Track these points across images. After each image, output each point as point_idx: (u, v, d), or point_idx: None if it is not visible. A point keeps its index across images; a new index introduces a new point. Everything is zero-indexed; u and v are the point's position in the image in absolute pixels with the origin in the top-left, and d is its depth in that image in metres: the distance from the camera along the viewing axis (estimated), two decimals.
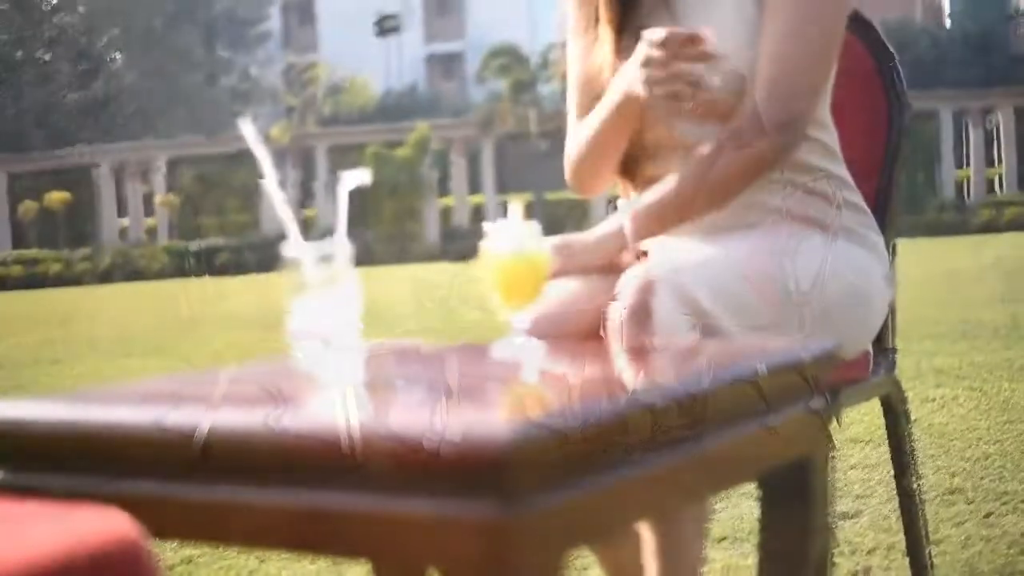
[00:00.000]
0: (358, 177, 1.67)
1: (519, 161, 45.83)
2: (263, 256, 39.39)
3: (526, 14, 64.55)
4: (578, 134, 2.48)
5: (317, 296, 1.55)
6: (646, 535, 2.07)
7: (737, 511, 3.74)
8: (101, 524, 1.09)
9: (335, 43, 64.08)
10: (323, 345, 1.54)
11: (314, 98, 45.50)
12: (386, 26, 46.79)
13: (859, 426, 4.88)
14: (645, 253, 2.31)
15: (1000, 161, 42.86)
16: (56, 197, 42.17)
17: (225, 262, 38.77)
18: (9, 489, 1.39)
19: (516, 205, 1.82)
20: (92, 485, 1.35)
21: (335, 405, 1.43)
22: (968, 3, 60.89)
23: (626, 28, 2.41)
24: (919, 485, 2.65)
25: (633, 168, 2.45)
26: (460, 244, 39.80)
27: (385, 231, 40.26)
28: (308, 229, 34.16)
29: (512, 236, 1.80)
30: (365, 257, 38.86)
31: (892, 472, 3.97)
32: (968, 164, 42.55)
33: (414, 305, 15.24)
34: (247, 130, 1.62)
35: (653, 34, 2.18)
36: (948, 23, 63.04)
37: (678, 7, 2.39)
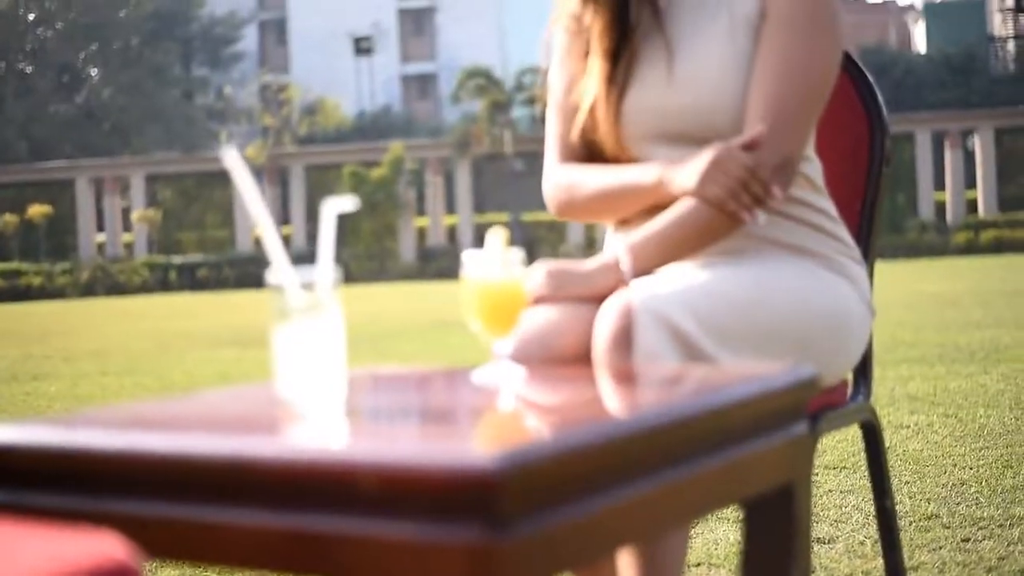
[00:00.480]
0: (343, 204, 1.67)
1: (494, 181, 45.91)
2: (241, 272, 39.43)
3: (497, 36, 64.72)
4: (577, 176, 2.46)
5: (301, 323, 1.56)
6: (626, 559, 2.08)
7: (713, 536, 3.75)
8: (93, 545, 1.10)
9: (308, 63, 64.11)
10: (308, 371, 1.54)
11: (290, 118, 45.48)
12: (362, 47, 46.83)
13: (833, 453, 4.90)
14: None
15: (978, 183, 43.06)
16: (37, 210, 42.08)
17: (204, 278, 38.74)
18: (2, 508, 1.39)
19: (497, 233, 1.83)
20: (83, 505, 1.36)
21: (322, 430, 1.44)
22: (947, 26, 61.31)
23: (617, 58, 2.42)
24: (895, 510, 2.66)
25: None
26: (436, 263, 39.87)
27: (362, 250, 40.25)
28: (286, 246, 34.05)
29: (493, 264, 1.81)
30: (343, 275, 38.84)
31: (866, 498, 4.01)
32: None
33: (396, 324, 15.24)
34: (231, 157, 1.62)
35: (720, 148, 2.22)
36: (924, 47, 63.39)
37: (673, 37, 2.40)
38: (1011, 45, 59.20)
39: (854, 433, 4.59)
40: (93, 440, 1.41)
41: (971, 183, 43.31)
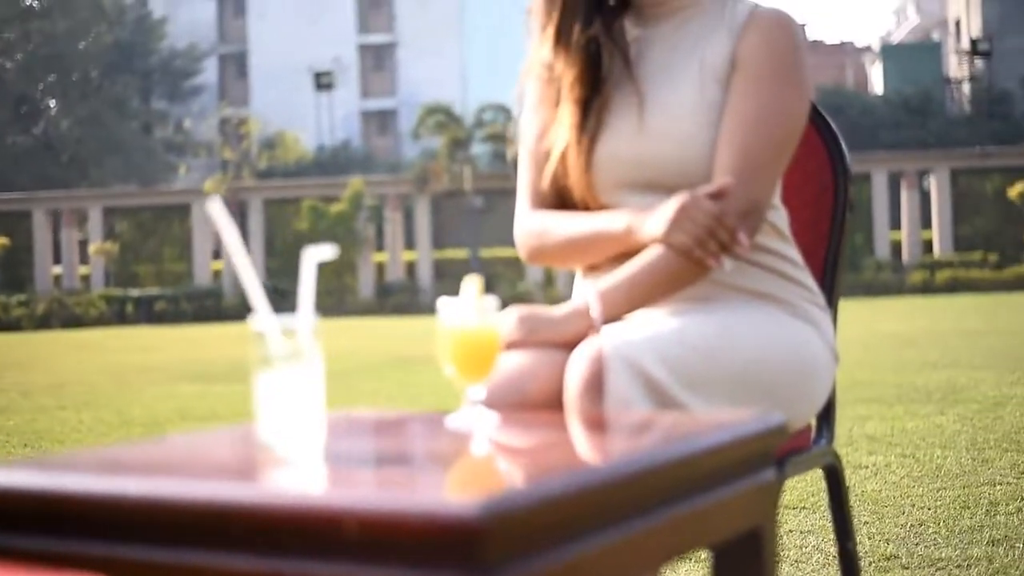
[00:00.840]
0: (323, 252, 1.70)
1: (453, 218, 45.95)
2: (198, 306, 39.31)
3: (457, 73, 64.89)
4: (548, 223, 2.49)
5: (283, 369, 1.59)
6: None
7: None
8: None
9: (268, 97, 64.11)
10: (289, 416, 1.57)
11: (249, 151, 45.47)
12: (323, 82, 46.90)
13: (792, 493, 4.94)
14: None
15: (934, 222, 43.40)
16: None
17: (162, 311, 38.61)
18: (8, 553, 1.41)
19: (472, 280, 1.86)
20: (66, 548, 1.38)
21: (304, 476, 1.47)
22: (903, 68, 61.81)
23: (588, 106, 2.46)
24: (857, 552, 2.71)
25: None
26: (394, 299, 39.86)
27: (321, 285, 40.17)
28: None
29: (469, 310, 1.84)
30: None
31: (825, 539, 4.06)
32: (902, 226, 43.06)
33: (358, 361, 15.22)
34: (216, 207, 1.65)
35: (687, 196, 2.26)
36: (881, 88, 63.91)
37: (643, 87, 2.44)
38: (966, 87, 59.73)
39: (814, 473, 4.63)
40: (77, 484, 1.43)
41: (927, 223, 43.65)
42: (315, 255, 1.69)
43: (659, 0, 2.51)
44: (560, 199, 2.52)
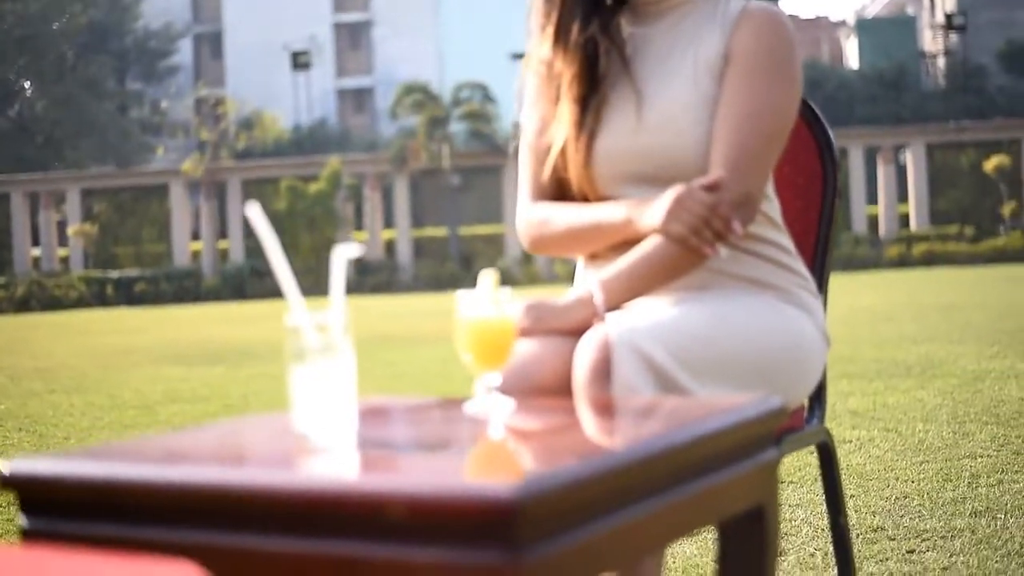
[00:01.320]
0: (350, 250, 1.81)
1: (432, 196, 46.03)
2: (178, 287, 39.32)
3: (434, 51, 64.85)
4: (550, 213, 2.60)
5: (316, 362, 1.70)
6: None
7: (684, 552, 3.90)
8: (174, 572, 1.23)
9: (243, 76, 63.99)
10: (325, 407, 1.68)
11: (227, 132, 45.41)
12: (300, 62, 46.85)
13: (780, 467, 5.06)
14: None
15: (910, 197, 43.63)
16: None
17: (141, 292, 38.60)
18: (75, 539, 1.52)
19: (488, 274, 1.97)
20: (144, 534, 1.49)
21: (353, 464, 1.58)
22: (878, 42, 61.98)
23: (587, 103, 2.57)
24: (848, 526, 2.83)
25: None
26: (374, 277, 39.90)
27: (300, 264, 40.20)
28: (223, 260, 33.95)
29: (485, 302, 1.95)
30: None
31: (814, 512, 4.19)
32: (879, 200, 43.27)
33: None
34: (255, 212, 1.76)
35: (683, 188, 2.37)
36: (857, 63, 64.07)
37: (640, 84, 2.55)
38: (941, 61, 59.95)
39: (801, 449, 4.75)
40: (139, 472, 1.55)
41: (903, 197, 43.87)
42: (344, 252, 1.79)
43: None
44: (560, 191, 2.63)
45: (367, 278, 39.20)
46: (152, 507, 1.52)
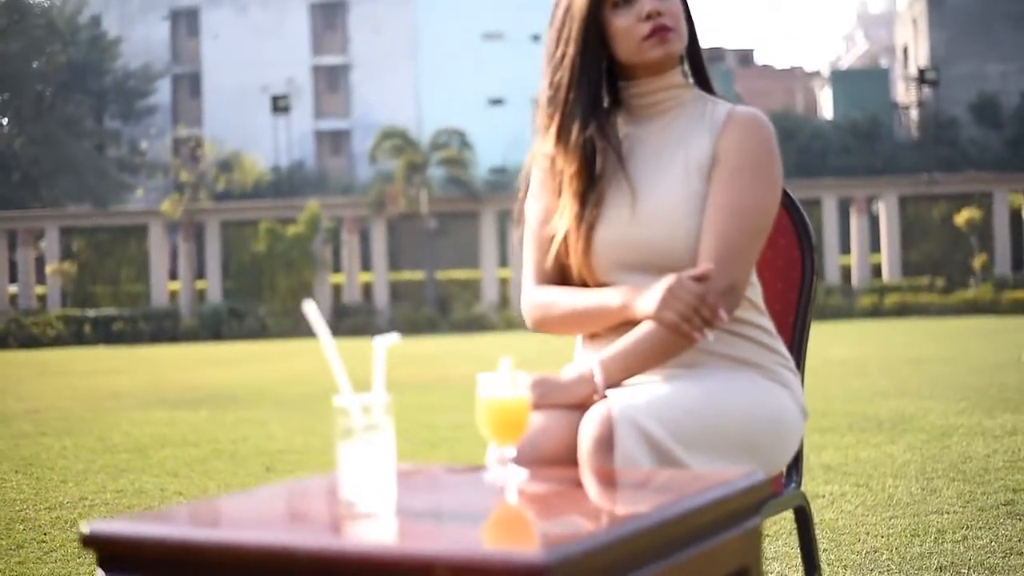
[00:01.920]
0: (389, 339, 2.07)
1: (410, 240, 46.30)
2: (156, 327, 39.45)
3: (411, 94, 65.26)
4: (553, 297, 2.86)
5: (361, 439, 1.95)
6: None
7: None
8: None
9: (221, 117, 64.27)
10: (371, 479, 1.93)
11: (206, 173, 45.68)
12: (279, 105, 47.16)
13: None
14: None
15: (882, 248, 44.08)
16: None
17: (119, 331, 38.71)
18: None
19: (506, 360, 2.22)
20: None
21: (405, 531, 1.83)
22: (852, 93, 62.65)
23: (586, 197, 2.84)
24: None
25: None
26: (351, 320, 40.07)
27: (279, 306, 40.44)
28: (201, 301, 33.83)
29: (504, 385, 2.20)
30: (259, 331, 39.09)
31: (788, 564, 4.44)
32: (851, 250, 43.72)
33: (327, 384, 15.54)
34: (311, 310, 2.02)
35: (674, 278, 2.63)
36: (831, 113, 64.73)
37: (635, 179, 2.82)
38: (914, 113, 60.63)
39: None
40: (221, 536, 1.80)
41: (876, 247, 44.35)
42: (383, 341, 2.05)
43: (648, 103, 2.89)
44: (562, 276, 2.90)
45: (344, 321, 39.37)
46: (222, 566, 1.77)
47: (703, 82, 2.92)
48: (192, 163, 46.86)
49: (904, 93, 64.74)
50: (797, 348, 3.07)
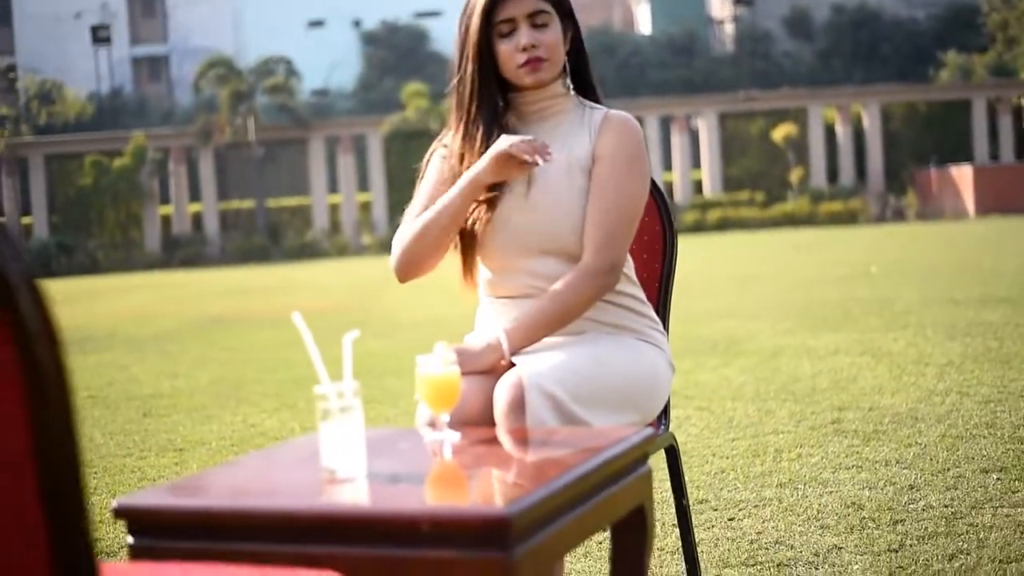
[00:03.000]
0: (354, 335, 2.54)
1: (237, 169, 46.24)
2: None
3: (229, 20, 64.73)
4: (410, 226, 3.35)
5: (339, 418, 2.43)
6: None
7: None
8: None
9: (34, 45, 63.03)
10: (351, 451, 2.42)
11: (28, 106, 45.00)
12: (100, 36, 46.54)
13: None
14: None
15: (703, 164, 45.25)
16: None
17: None
18: (175, 555, 2.24)
19: (440, 344, 2.71)
20: (245, 548, 2.22)
21: (387, 493, 2.33)
22: (669, 9, 63.73)
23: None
24: (689, 507, 3.65)
25: (491, 286, 3.37)
26: (182, 251, 40.08)
27: (107, 239, 40.21)
28: (28, 237, 33.30)
29: (438, 364, 2.69)
30: (90, 266, 38.83)
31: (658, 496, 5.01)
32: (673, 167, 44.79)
33: (172, 322, 15.81)
34: (298, 320, 2.48)
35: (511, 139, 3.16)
36: (649, 28, 65.71)
37: (532, 178, 3.31)
38: (729, 27, 61.93)
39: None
40: (240, 503, 2.28)
41: (696, 164, 45.54)
42: (350, 337, 2.52)
43: (533, 109, 3.40)
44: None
45: (176, 253, 39.35)
46: (242, 528, 2.24)
47: (588, 90, 3.42)
48: (10, 96, 46.09)
49: (720, 8, 65.97)
50: (663, 310, 3.61)
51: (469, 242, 3.38)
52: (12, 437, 1.34)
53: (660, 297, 3.66)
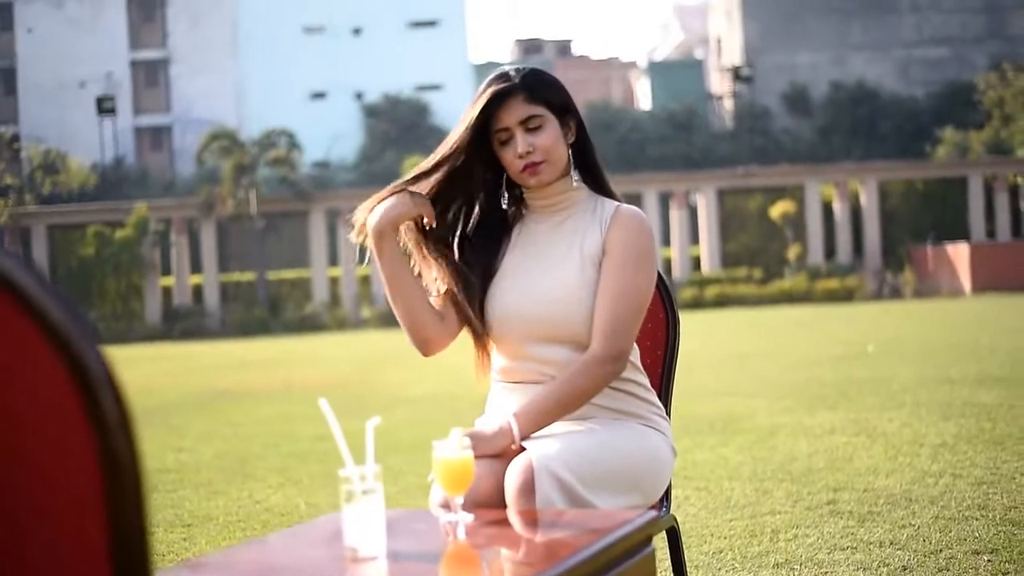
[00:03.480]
0: (376, 421, 2.70)
1: (239, 241, 46.48)
2: None
3: (232, 90, 65.24)
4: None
5: (362, 500, 2.58)
6: None
7: None
8: None
9: (38, 114, 63.43)
10: (374, 530, 2.56)
11: (32, 176, 45.32)
12: (105, 107, 46.99)
13: None
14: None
15: (701, 240, 45.50)
16: None
17: None
18: None
19: (456, 430, 2.86)
20: None
21: (399, 570, 2.47)
22: (668, 84, 64.27)
23: (491, 270, 3.52)
24: None
25: (503, 372, 3.53)
26: (182, 323, 40.21)
27: (108, 310, 40.36)
28: None
29: (453, 448, 2.84)
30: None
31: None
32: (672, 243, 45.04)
33: (174, 395, 15.94)
34: (325, 407, 2.64)
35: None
36: (649, 104, 66.24)
37: (541, 265, 3.48)
38: (728, 103, 62.44)
39: None
40: None
41: (695, 240, 45.80)
42: (372, 423, 2.68)
43: (543, 205, 3.57)
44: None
45: (176, 324, 39.49)
46: None
47: (596, 180, 3.59)
48: (14, 165, 46.40)
49: (719, 84, 66.53)
50: (665, 395, 3.77)
51: (483, 331, 3.54)
52: (91, 527, 1.49)
53: (663, 382, 3.82)
